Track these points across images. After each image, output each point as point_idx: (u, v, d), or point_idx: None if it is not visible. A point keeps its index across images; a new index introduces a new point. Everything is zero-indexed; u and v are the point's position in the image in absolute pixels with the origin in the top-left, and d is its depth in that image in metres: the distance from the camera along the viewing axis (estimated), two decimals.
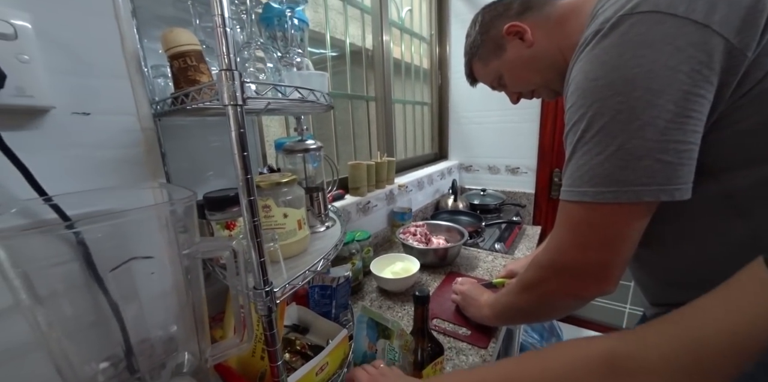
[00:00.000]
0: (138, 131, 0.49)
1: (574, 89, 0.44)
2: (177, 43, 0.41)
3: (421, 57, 1.93)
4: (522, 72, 0.66)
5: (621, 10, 0.39)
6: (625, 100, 0.38)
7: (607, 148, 0.40)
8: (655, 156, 0.38)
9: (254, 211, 0.37)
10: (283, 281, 0.44)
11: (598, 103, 0.40)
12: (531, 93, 0.71)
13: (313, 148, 0.65)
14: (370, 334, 0.62)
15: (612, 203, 0.41)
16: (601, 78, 0.40)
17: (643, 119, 0.38)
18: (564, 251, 0.47)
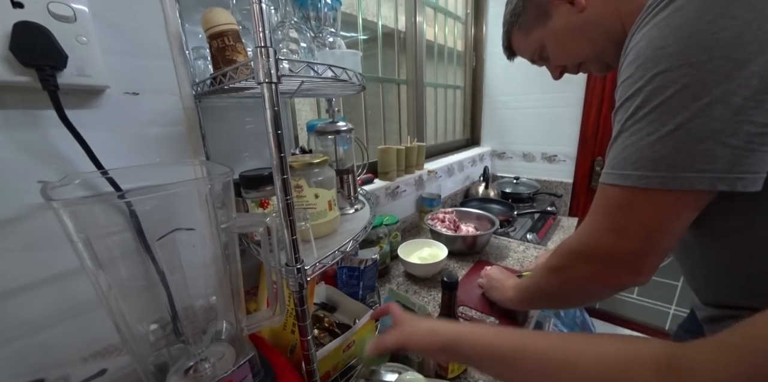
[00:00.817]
0: (180, 110, 0.51)
1: (633, 59, 0.38)
2: (216, 22, 0.42)
3: (455, 38, 1.85)
4: (569, 42, 0.58)
5: None
6: (697, 72, 0.33)
7: (663, 127, 0.35)
8: (721, 139, 0.33)
9: (287, 189, 0.37)
10: (314, 259, 0.45)
11: (662, 76, 0.35)
12: (577, 67, 0.62)
13: (344, 129, 0.65)
14: None
15: (658, 189, 0.37)
16: (671, 45, 0.34)
17: (714, 95, 0.33)
18: (597, 236, 0.43)
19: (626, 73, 0.39)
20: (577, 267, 0.47)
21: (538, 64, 0.68)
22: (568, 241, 0.49)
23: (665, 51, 0.35)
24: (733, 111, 0.33)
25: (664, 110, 0.35)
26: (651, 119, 0.36)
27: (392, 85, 1.46)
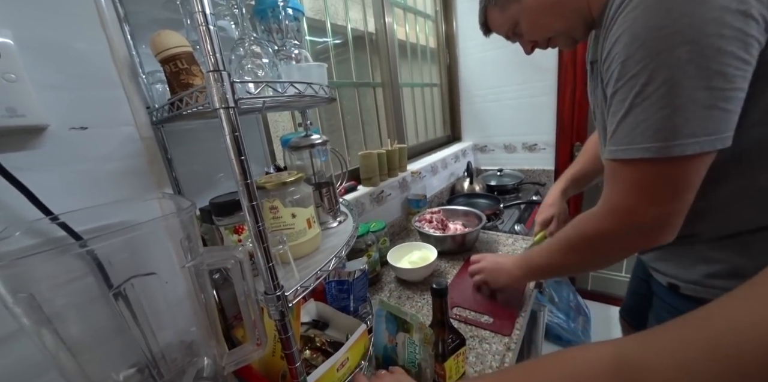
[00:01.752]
0: (138, 141, 0.48)
1: (630, 41, 0.41)
2: (166, 46, 0.40)
3: (427, 36, 1.85)
4: (542, 17, 0.61)
5: None
6: (696, 48, 0.37)
7: (674, 101, 0.39)
8: (720, 105, 0.39)
9: (258, 216, 0.36)
10: (296, 282, 0.44)
11: (665, 54, 0.38)
12: (547, 42, 0.66)
13: (319, 143, 0.63)
14: (389, 327, 0.62)
15: (683, 156, 0.41)
16: (667, 26, 0.38)
17: (713, 68, 0.37)
18: (636, 211, 0.46)
19: (624, 54, 0.42)
20: (615, 241, 0.51)
21: (512, 40, 0.72)
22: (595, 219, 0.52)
23: (662, 32, 0.38)
24: (728, 80, 0.38)
25: (673, 85, 0.39)
26: (661, 94, 0.40)
27: (368, 88, 1.45)
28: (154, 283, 0.33)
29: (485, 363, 0.64)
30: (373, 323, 0.65)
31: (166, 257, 0.35)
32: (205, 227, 0.50)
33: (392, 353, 0.62)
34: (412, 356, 0.59)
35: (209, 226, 0.48)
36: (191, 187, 0.63)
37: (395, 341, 0.61)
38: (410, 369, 0.59)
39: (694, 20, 0.37)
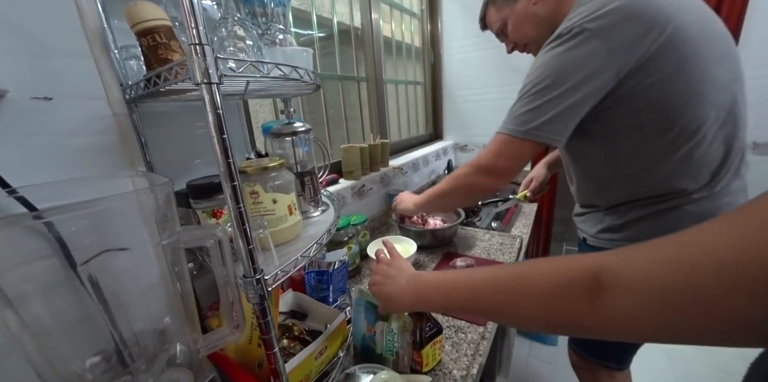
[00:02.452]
0: (109, 117, 0.45)
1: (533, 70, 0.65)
2: (143, 18, 0.38)
3: (412, 34, 1.86)
4: (524, 25, 0.77)
5: (576, 24, 0.58)
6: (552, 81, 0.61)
7: (531, 105, 0.63)
8: (520, 118, 0.64)
9: (238, 197, 0.35)
10: (275, 267, 0.43)
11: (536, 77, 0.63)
12: (524, 46, 0.83)
13: (302, 130, 0.62)
14: (368, 316, 0.62)
15: (521, 138, 0.65)
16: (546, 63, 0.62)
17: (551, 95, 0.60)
18: (489, 159, 0.71)
19: (530, 69, 0.66)
20: (473, 175, 0.75)
21: (500, 38, 0.87)
22: (474, 159, 0.75)
23: (544, 67, 0.62)
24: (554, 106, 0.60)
25: (534, 97, 0.62)
26: (527, 99, 0.64)
27: (352, 82, 1.44)
28: (126, 264, 0.31)
29: (460, 351, 0.66)
30: (352, 313, 0.64)
31: (139, 237, 0.33)
32: (181, 211, 0.48)
33: (371, 342, 0.62)
34: (390, 345, 0.59)
35: (185, 210, 0.46)
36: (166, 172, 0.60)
37: (374, 329, 0.61)
38: (388, 358, 0.60)
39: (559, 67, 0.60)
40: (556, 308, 0.32)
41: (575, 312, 0.30)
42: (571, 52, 0.58)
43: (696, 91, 0.58)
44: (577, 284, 0.30)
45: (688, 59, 0.56)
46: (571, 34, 0.58)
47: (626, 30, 0.55)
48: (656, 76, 0.57)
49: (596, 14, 0.56)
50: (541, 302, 0.33)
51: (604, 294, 0.28)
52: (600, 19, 0.56)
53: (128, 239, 0.32)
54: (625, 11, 0.55)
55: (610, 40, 0.55)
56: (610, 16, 0.55)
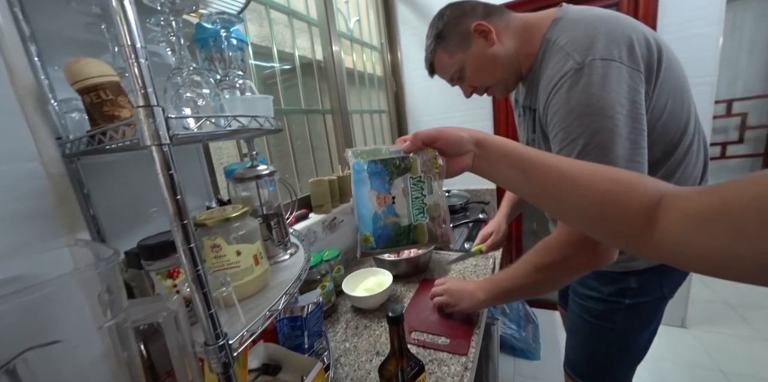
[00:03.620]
0: (43, 179, 0.41)
1: (567, 113, 0.57)
2: (84, 75, 0.36)
3: (373, 65, 1.93)
4: (484, 67, 0.73)
5: (588, 55, 0.55)
6: (614, 121, 0.54)
7: (606, 157, 0.54)
8: (635, 159, 0.55)
9: (196, 260, 0.33)
10: (242, 327, 0.40)
11: (596, 124, 0.54)
12: (485, 89, 0.78)
13: (266, 173, 0.61)
14: (376, 184, 0.45)
15: None
16: (594, 104, 0.54)
17: (625, 135, 0.54)
18: (577, 234, 0.58)
19: (566, 122, 0.57)
20: (572, 258, 0.61)
21: (454, 83, 0.81)
22: (555, 241, 0.62)
23: (591, 108, 0.55)
24: (633, 142, 0.55)
25: (605, 146, 0.54)
26: (598, 153, 0.54)
27: (318, 114, 1.46)
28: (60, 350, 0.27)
29: None
30: (353, 191, 0.46)
31: (78, 316, 0.30)
32: (132, 272, 0.44)
33: (391, 218, 0.46)
34: (419, 202, 0.45)
35: (136, 271, 0.42)
36: (115, 226, 0.55)
37: (389, 196, 0.45)
38: (421, 223, 0.46)
39: (608, 102, 0.54)
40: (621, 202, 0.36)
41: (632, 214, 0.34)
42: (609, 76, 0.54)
43: (684, 103, 0.62)
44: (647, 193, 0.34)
45: (675, 71, 0.60)
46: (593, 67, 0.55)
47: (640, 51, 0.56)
48: (663, 94, 0.59)
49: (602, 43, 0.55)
50: (612, 191, 0.36)
51: (661, 211, 0.32)
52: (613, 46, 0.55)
53: (64, 321, 0.28)
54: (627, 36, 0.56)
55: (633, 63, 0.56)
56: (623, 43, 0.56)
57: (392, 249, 0.46)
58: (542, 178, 0.40)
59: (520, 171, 0.42)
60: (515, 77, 0.73)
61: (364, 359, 0.74)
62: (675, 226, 0.30)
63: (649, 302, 0.76)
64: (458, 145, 0.44)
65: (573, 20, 0.62)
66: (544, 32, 0.64)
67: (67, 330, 0.28)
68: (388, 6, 1.96)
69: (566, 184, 0.39)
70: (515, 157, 0.42)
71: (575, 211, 0.40)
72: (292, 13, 1.28)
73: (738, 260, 0.26)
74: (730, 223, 0.26)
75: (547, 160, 0.41)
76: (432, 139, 0.44)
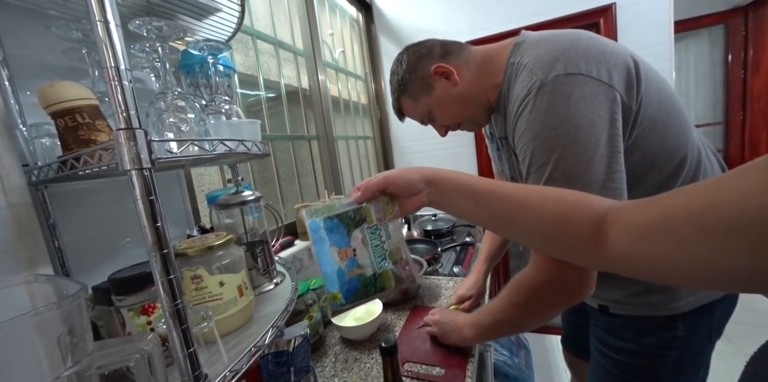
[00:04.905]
0: (3, 209, 0.38)
1: (533, 137, 0.53)
2: (60, 98, 0.34)
3: (358, 93, 1.99)
4: (451, 107, 0.71)
5: (552, 70, 0.51)
6: (582, 144, 0.49)
7: (575, 184, 0.49)
8: (608, 185, 0.50)
9: (176, 292, 0.30)
10: (224, 367, 0.36)
11: (560, 148, 0.50)
12: (457, 125, 0.77)
13: (251, 199, 0.59)
14: (335, 239, 0.45)
15: None
16: (559, 127, 0.50)
17: (595, 159, 0.49)
18: (551, 271, 0.53)
19: (531, 147, 0.53)
20: (546, 296, 0.56)
21: (426, 124, 0.80)
22: (528, 277, 0.57)
23: (557, 131, 0.50)
24: (606, 166, 0.50)
25: (571, 173, 0.49)
26: (564, 180, 0.50)
27: (303, 140, 1.46)
28: None
29: None
30: (313, 250, 0.45)
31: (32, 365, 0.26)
32: (100, 310, 0.40)
33: (355, 270, 0.46)
34: (380, 249, 0.46)
35: (105, 308, 0.38)
36: (83, 259, 0.51)
37: (350, 249, 0.46)
38: (386, 269, 0.46)
39: (575, 123, 0.49)
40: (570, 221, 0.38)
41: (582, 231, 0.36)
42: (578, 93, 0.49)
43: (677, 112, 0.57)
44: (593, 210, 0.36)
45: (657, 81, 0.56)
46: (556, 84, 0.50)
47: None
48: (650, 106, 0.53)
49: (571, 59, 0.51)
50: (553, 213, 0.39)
51: (607, 225, 0.34)
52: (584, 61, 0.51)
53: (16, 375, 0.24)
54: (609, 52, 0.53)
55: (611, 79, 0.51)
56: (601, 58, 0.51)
57: (362, 301, 0.46)
58: (494, 207, 0.43)
59: (472, 202, 0.44)
60: (485, 111, 0.70)
61: None
62: (622, 239, 0.33)
63: (698, 352, 0.64)
64: (409, 188, 0.46)
65: (534, 41, 0.59)
66: (506, 58, 0.61)
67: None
68: (371, 38, 2.06)
69: (517, 210, 0.41)
70: (466, 190, 0.44)
71: (529, 233, 0.42)
72: (278, 43, 1.32)
73: (679, 267, 0.28)
74: (670, 234, 0.28)
75: (497, 188, 0.43)
76: (382, 187, 0.46)
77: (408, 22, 1.95)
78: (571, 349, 0.99)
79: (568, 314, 0.97)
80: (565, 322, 1.00)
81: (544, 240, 0.40)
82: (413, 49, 0.72)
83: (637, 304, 0.62)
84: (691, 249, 0.26)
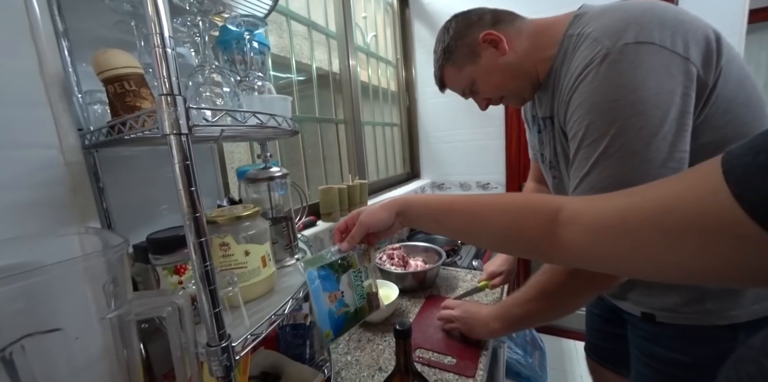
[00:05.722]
0: (61, 166, 0.42)
1: (591, 108, 0.49)
2: (110, 66, 0.37)
3: (388, 80, 1.97)
4: (497, 78, 0.67)
5: (620, 39, 0.46)
6: (645, 118, 0.44)
7: (631, 161, 0.46)
8: (668, 165, 0.45)
9: (206, 254, 0.32)
10: (245, 330, 0.38)
11: (621, 121, 0.45)
12: (500, 99, 0.72)
13: (278, 175, 0.60)
14: (327, 285, 0.51)
15: None
16: (621, 99, 0.45)
17: (659, 135, 0.45)
18: None
19: (587, 119, 0.49)
20: (572, 283, 0.55)
21: (467, 96, 0.76)
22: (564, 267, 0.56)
23: (618, 103, 0.46)
24: (670, 144, 0.45)
25: (628, 148, 0.46)
26: (620, 156, 0.46)
27: (330, 124, 1.47)
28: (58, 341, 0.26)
29: None
30: (311, 298, 0.50)
31: (80, 305, 0.28)
32: (138, 267, 0.43)
33: (343, 309, 0.53)
34: (360, 288, 0.54)
35: (143, 266, 0.42)
36: (125, 221, 0.55)
37: (339, 292, 0.52)
38: (363, 306, 0.55)
39: (641, 95, 0.45)
40: (519, 227, 0.40)
41: (534, 234, 0.38)
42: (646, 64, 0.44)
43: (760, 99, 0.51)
44: (540, 213, 0.38)
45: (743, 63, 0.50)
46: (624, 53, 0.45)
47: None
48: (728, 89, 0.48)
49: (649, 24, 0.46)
50: (508, 220, 0.41)
51: (561, 227, 0.36)
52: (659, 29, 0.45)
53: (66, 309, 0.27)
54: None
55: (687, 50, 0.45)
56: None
57: (345, 333, 0.55)
58: (453, 223, 0.47)
59: (435, 222, 0.49)
60: (531, 86, 0.66)
61: (365, 374, 0.71)
62: (581, 238, 0.34)
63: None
64: (383, 224, 0.52)
65: (598, 12, 0.54)
66: (564, 30, 0.57)
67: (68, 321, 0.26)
68: (405, 23, 2.01)
69: (473, 224, 0.45)
70: (430, 213, 0.49)
71: (490, 243, 0.46)
72: (312, 24, 1.32)
73: (638, 264, 0.30)
74: (628, 234, 0.29)
75: (453, 206, 0.47)
76: (363, 234, 0.52)
77: (445, 6, 1.89)
78: (596, 358, 0.93)
79: (596, 321, 0.90)
80: (592, 329, 0.93)
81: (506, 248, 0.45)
82: (462, 16, 0.69)
83: (690, 312, 0.56)
84: (648, 248, 0.28)
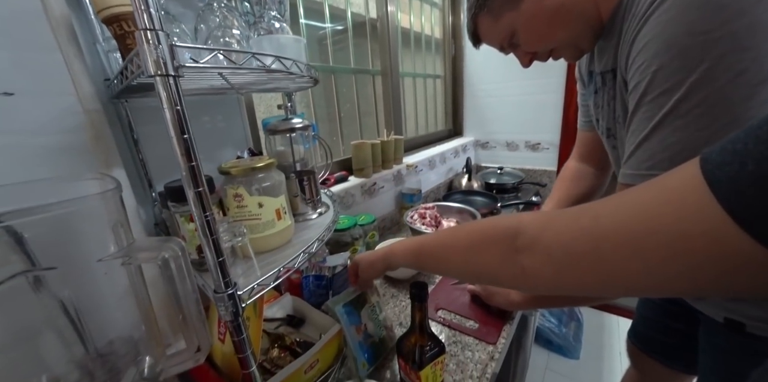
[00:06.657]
0: (80, 114, 0.42)
1: (664, 47, 0.34)
2: (107, 4, 0.34)
3: (432, 26, 1.78)
4: (543, 26, 0.53)
5: None
6: (751, 56, 0.30)
7: (716, 121, 0.32)
8: None
9: (204, 204, 0.31)
10: (255, 279, 0.39)
11: (709, 63, 0.31)
12: (548, 53, 0.58)
13: (300, 127, 0.58)
14: (352, 319, 0.59)
15: None
16: (716, 29, 0.31)
17: (752, 83, 0.30)
18: None
19: (657, 63, 0.35)
20: None
21: (507, 51, 0.62)
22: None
23: (712, 36, 0.31)
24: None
25: (715, 104, 0.32)
26: (699, 114, 0.33)
27: (368, 76, 1.39)
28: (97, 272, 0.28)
29: (465, 372, 0.60)
30: (344, 331, 0.57)
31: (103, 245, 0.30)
32: (166, 213, 0.46)
33: (371, 339, 0.62)
34: (377, 321, 0.61)
35: (168, 212, 0.44)
36: (162, 172, 0.58)
37: (362, 326, 0.61)
38: (384, 336, 0.64)
39: (747, 23, 0.29)
40: (477, 262, 0.39)
41: (493, 266, 0.37)
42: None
43: None
44: (496, 243, 0.36)
45: None
46: None
47: None
48: None
49: None
50: (467, 255, 0.41)
51: (519, 255, 0.33)
52: None
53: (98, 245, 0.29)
54: None
55: None
56: None
57: (379, 363, 0.62)
58: (430, 263, 0.49)
59: (415, 263, 0.52)
60: (591, 31, 0.52)
61: None
62: (543, 268, 0.32)
63: None
64: (378, 274, 0.58)
65: None
66: None
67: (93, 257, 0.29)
68: None
69: (442, 265, 0.47)
70: (409, 255, 0.52)
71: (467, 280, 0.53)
72: None
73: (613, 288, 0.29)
74: (604, 261, 0.27)
75: (424, 249, 0.49)
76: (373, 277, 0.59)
77: None
78: (641, 346, 0.85)
79: (653, 310, 0.81)
80: (643, 317, 0.85)
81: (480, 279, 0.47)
82: None
83: None
84: (624, 276, 0.26)
